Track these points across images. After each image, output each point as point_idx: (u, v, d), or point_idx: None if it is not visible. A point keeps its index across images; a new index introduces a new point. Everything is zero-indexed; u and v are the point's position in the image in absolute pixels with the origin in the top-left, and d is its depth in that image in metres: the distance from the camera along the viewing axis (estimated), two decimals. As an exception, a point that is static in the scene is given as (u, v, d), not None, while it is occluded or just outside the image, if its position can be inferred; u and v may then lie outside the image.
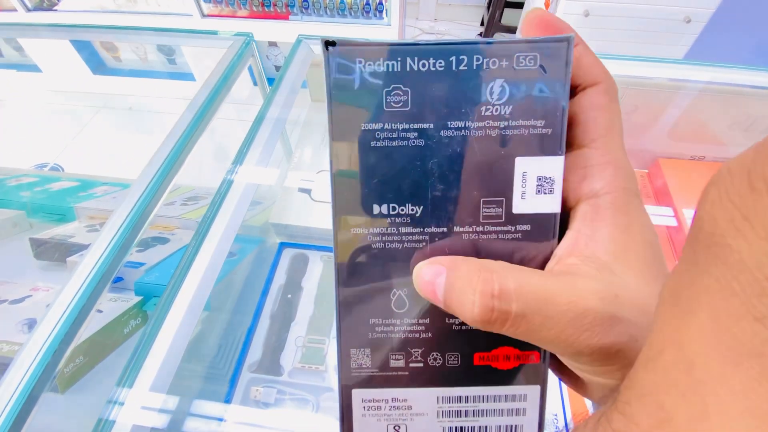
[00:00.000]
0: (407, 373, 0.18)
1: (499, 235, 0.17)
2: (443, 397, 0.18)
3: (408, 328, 0.18)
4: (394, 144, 0.17)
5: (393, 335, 0.18)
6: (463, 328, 0.18)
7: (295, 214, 0.75)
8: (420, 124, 0.16)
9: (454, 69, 0.16)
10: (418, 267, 0.17)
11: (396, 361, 0.18)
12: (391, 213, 0.17)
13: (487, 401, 0.18)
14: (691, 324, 0.09)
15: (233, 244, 0.54)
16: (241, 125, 0.64)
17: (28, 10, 1.55)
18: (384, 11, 1.47)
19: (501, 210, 0.17)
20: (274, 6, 1.51)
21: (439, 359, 0.18)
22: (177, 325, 0.46)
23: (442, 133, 0.16)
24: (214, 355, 0.63)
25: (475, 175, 0.17)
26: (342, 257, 0.18)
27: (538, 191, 0.16)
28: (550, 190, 0.16)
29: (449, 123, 0.16)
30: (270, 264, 0.74)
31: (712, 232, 0.09)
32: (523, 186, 0.17)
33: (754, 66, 0.68)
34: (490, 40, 0.16)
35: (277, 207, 0.76)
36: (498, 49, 0.16)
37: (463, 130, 0.16)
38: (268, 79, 0.80)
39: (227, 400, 0.59)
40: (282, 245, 0.76)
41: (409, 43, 0.16)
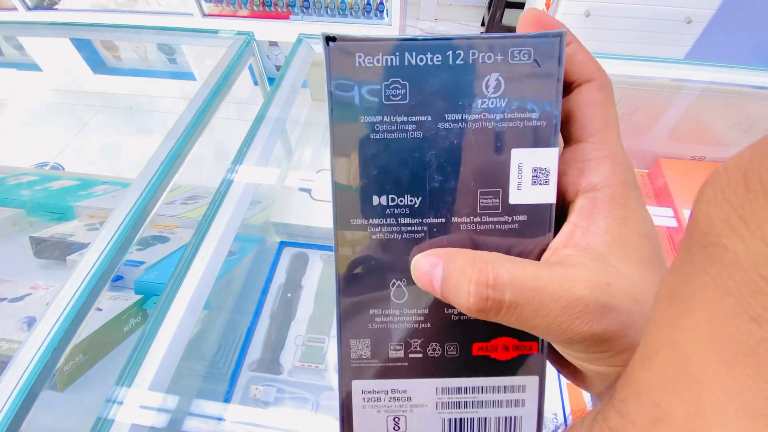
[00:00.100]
0: (407, 363, 0.19)
1: (496, 225, 0.17)
2: (442, 388, 0.19)
3: (407, 319, 0.18)
4: (393, 136, 0.17)
5: (392, 326, 0.18)
6: (461, 318, 0.18)
7: (295, 213, 0.75)
8: (418, 117, 0.17)
9: (451, 63, 0.16)
10: (416, 259, 0.17)
11: (395, 351, 0.19)
12: (390, 204, 0.17)
13: (486, 392, 0.19)
14: (686, 323, 0.09)
15: (233, 243, 0.54)
16: (242, 125, 0.64)
17: (29, 8, 1.55)
18: (384, 11, 1.47)
19: (498, 201, 0.17)
20: (275, 6, 1.51)
21: (438, 349, 0.19)
22: (176, 324, 0.46)
23: (440, 125, 0.17)
24: (214, 354, 0.63)
25: (472, 167, 0.17)
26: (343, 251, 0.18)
27: (534, 182, 0.17)
28: (546, 181, 0.17)
29: (446, 116, 0.17)
30: (270, 263, 0.74)
31: (707, 232, 0.09)
32: (519, 177, 0.17)
33: (755, 66, 0.68)
34: (486, 35, 0.16)
35: (277, 206, 0.76)
36: (493, 43, 0.16)
37: (460, 123, 0.17)
38: (269, 78, 0.80)
39: (227, 399, 0.59)
40: (282, 244, 0.76)
41: (408, 38, 0.16)
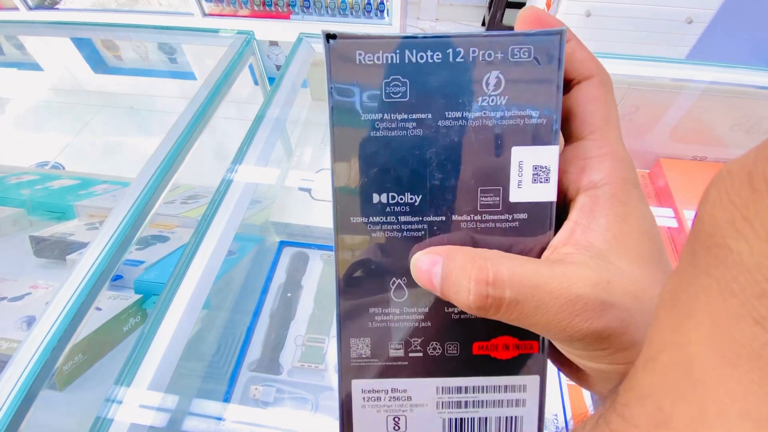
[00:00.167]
0: (407, 363, 0.18)
1: (497, 223, 0.17)
2: (443, 388, 0.19)
3: (407, 318, 0.18)
4: (393, 134, 0.17)
5: (393, 325, 0.18)
6: (461, 317, 0.18)
7: (295, 212, 0.75)
8: (418, 115, 0.17)
9: (451, 61, 0.16)
10: (416, 257, 0.17)
11: (396, 350, 0.18)
12: (390, 202, 0.17)
13: (486, 392, 0.19)
14: (690, 325, 0.09)
15: (233, 242, 0.54)
16: (242, 124, 0.64)
17: (30, 8, 1.55)
18: (385, 11, 1.47)
19: (498, 199, 0.17)
20: (276, 5, 1.51)
21: (439, 348, 0.18)
22: (176, 324, 0.46)
23: (440, 123, 0.17)
24: (214, 354, 0.63)
25: (473, 165, 0.17)
26: (343, 249, 0.18)
27: (534, 180, 0.17)
28: (546, 178, 0.17)
29: (447, 113, 0.17)
30: (270, 262, 0.74)
31: (712, 233, 0.09)
32: (519, 175, 0.17)
33: (756, 66, 0.68)
34: (486, 33, 0.16)
35: (277, 206, 0.76)
36: (493, 41, 0.16)
37: (460, 121, 0.17)
38: (269, 78, 0.80)
39: (226, 399, 0.59)
40: (282, 244, 0.76)
41: (408, 36, 0.16)
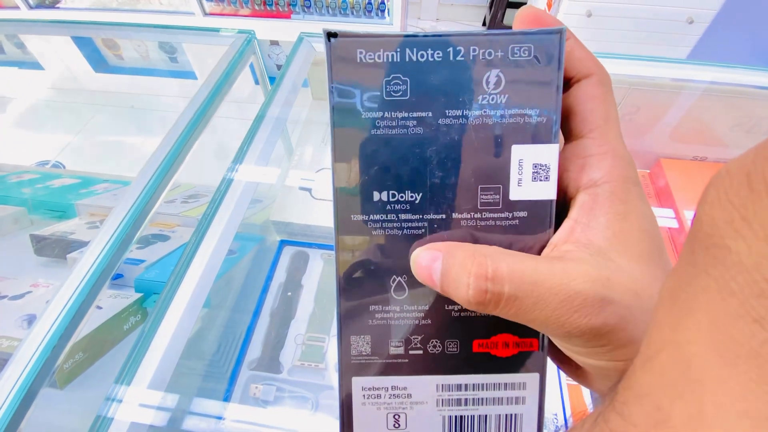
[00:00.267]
0: (407, 360, 0.19)
1: (497, 221, 0.17)
2: (443, 385, 0.19)
3: (407, 315, 0.18)
4: (394, 132, 0.17)
5: (393, 322, 0.18)
6: (462, 314, 0.18)
7: (296, 212, 0.75)
8: (419, 113, 0.17)
9: (452, 59, 0.16)
10: (416, 253, 0.17)
11: (396, 348, 0.19)
12: (390, 200, 0.17)
13: (486, 389, 0.19)
14: (688, 324, 0.09)
15: (234, 241, 0.54)
16: (243, 124, 0.64)
17: (31, 7, 1.55)
18: (386, 11, 1.47)
19: (498, 197, 0.17)
20: (276, 5, 1.51)
21: (439, 346, 0.18)
22: (176, 323, 0.46)
23: (441, 121, 0.17)
24: (214, 353, 0.63)
25: (473, 163, 0.17)
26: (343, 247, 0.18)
27: (534, 178, 0.17)
28: (546, 177, 0.17)
29: (447, 111, 0.17)
30: (270, 262, 0.74)
31: (710, 233, 0.09)
32: (519, 173, 0.17)
33: (757, 66, 0.68)
34: (486, 31, 0.16)
35: (278, 205, 0.76)
36: (493, 40, 0.16)
37: (460, 119, 0.17)
38: (270, 77, 0.80)
39: (226, 398, 0.59)
40: (282, 243, 0.76)
41: (409, 34, 0.16)
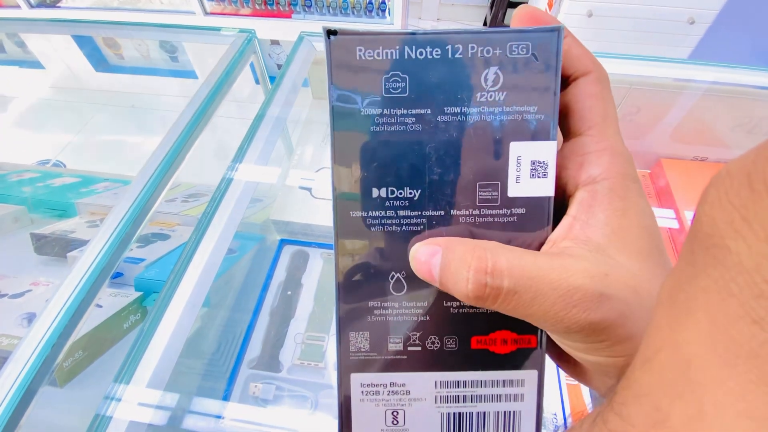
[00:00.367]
0: (405, 356, 0.19)
1: (495, 218, 0.17)
2: (441, 382, 0.19)
3: (406, 312, 0.18)
4: (393, 129, 0.17)
5: (391, 318, 0.18)
6: (460, 311, 0.18)
7: (296, 211, 0.75)
8: (418, 110, 0.17)
9: (450, 57, 0.16)
10: (415, 248, 0.17)
11: (394, 344, 0.19)
12: (389, 196, 0.17)
13: (484, 386, 0.19)
14: (688, 325, 0.09)
15: (233, 240, 0.54)
16: (243, 123, 0.64)
17: (32, 6, 1.55)
18: (386, 10, 1.47)
19: (496, 193, 0.17)
20: (277, 4, 1.51)
21: (437, 342, 0.18)
22: (176, 321, 0.46)
23: (439, 118, 0.17)
24: (213, 352, 0.63)
25: (471, 160, 0.17)
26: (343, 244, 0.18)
27: (532, 175, 0.17)
28: (544, 174, 0.17)
29: (446, 109, 0.17)
30: (270, 261, 0.74)
31: (710, 233, 0.09)
32: (517, 170, 0.17)
33: (758, 67, 0.68)
34: (484, 29, 0.16)
35: (278, 204, 0.76)
36: (492, 38, 0.16)
37: (459, 116, 0.17)
38: (270, 77, 0.80)
39: (225, 396, 0.59)
40: (282, 242, 0.76)
41: (408, 32, 0.16)
